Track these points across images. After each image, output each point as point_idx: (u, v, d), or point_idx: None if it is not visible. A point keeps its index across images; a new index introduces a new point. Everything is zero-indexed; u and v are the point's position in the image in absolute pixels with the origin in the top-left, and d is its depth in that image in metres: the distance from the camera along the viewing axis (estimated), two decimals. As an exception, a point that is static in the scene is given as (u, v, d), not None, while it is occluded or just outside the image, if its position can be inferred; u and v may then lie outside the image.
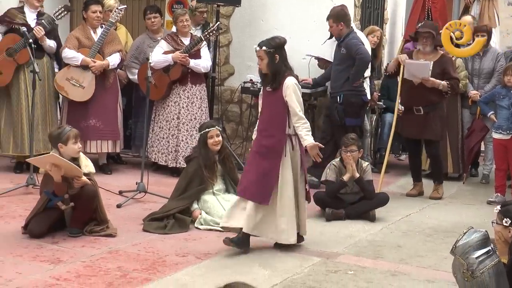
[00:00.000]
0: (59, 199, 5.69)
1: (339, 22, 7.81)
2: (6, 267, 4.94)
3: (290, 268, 5.26)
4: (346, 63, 7.81)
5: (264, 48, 5.45)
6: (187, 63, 8.04)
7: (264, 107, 5.62)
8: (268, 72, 5.50)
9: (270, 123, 5.55)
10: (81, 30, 8.07)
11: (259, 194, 5.48)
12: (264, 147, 5.53)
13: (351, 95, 7.81)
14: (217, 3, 8.51)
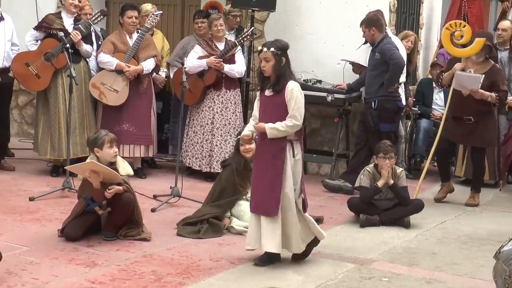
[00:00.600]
0: (97, 204, 5.75)
1: (371, 27, 7.80)
2: (43, 270, 5.01)
3: (324, 274, 5.25)
4: (380, 69, 7.79)
5: (272, 49, 5.28)
6: (221, 68, 8.07)
7: (264, 112, 5.36)
8: (272, 74, 5.30)
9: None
10: (117, 35, 8.16)
11: (267, 207, 5.30)
12: (266, 155, 5.31)
13: (385, 101, 7.79)
14: (252, 8, 8.54)
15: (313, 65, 8.84)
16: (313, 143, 8.94)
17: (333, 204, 7.46)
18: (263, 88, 5.38)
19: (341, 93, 8.19)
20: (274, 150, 5.27)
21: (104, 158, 5.78)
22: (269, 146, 5.29)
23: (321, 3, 8.77)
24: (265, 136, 5.27)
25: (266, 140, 5.28)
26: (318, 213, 6.88)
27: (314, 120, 8.96)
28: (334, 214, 7.01)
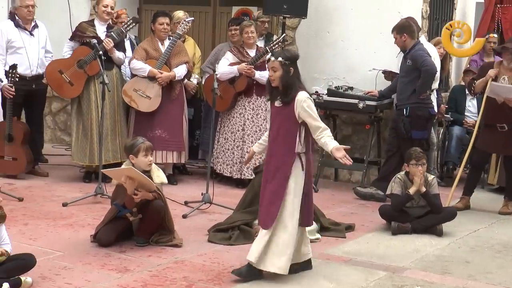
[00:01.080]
0: (128, 211, 5.81)
1: (402, 34, 7.78)
2: (76, 275, 5.06)
3: (355, 281, 5.24)
4: (412, 75, 7.76)
5: (280, 59, 5.10)
6: (252, 75, 8.10)
7: (273, 123, 5.23)
8: (280, 85, 5.12)
9: (279, 141, 5.17)
10: (149, 42, 8.22)
11: (263, 219, 5.18)
12: (273, 167, 5.17)
13: (417, 108, 7.76)
14: (283, 14, 8.56)
15: (345, 72, 8.84)
16: (344, 150, 8.90)
17: (365, 212, 7.43)
18: (273, 98, 5.23)
19: (373, 100, 8.16)
20: (281, 162, 5.13)
21: (138, 165, 5.82)
22: (277, 158, 5.17)
23: (352, 9, 8.76)
24: (273, 148, 5.20)
25: (274, 151, 5.19)
26: (349, 221, 6.89)
27: (345, 127, 8.95)
28: (365, 222, 6.99)
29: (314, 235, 6.30)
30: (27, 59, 8.11)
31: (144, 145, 5.86)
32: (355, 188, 8.12)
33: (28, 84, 8.15)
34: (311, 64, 9.02)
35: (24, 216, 6.55)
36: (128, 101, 8.06)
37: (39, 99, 8.48)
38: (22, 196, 7.14)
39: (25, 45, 8.12)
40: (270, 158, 5.25)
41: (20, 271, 4.78)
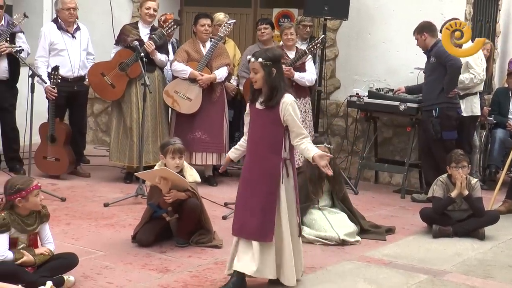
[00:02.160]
0: (164, 211, 5.86)
1: (422, 33, 7.81)
2: (117, 274, 5.14)
3: (396, 284, 5.22)
4: (436, 72, 7.76)
5: (260, 60, 4.81)
6: (292, 76, 8.11)
7: (255, 127, 4.92)
8: (263, 87, 4.85)
9: (264, 146, 4.88)
10: (190, 44, 8.29)
11: (260, 231, 4.86)
12: (258, 174, 4.87)
13: (447, 108, 7.75)
14: (324, 16, 8.56)
15: (386, 74, 8.80)
16: (384, 153, 8.89)
17: (405, 214, 7.40)
18: (254, 100, 4.94)
19: (414, 102, 8.12)
20: (268, 168, 4.85)
21: (168, 166, 5.88)
22: (261, 164, 4.87)
23: (394, 11, 8.73)
24: (256, 153, 4.89)
25: (258, 157, 4.88)
26: (390, 223, 6.87)
27: (386, 129, 8.91)
28: (406, 224, 6.96)
29: (354, 238, 6.30)
30: (69, 61, 8.23)
31: (172, 147, 5.89)
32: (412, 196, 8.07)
33: (70, 85, 8.27)
34: (352, 66, 9.02)
35: (67, 216, 6.66)
36: (171, 102, 8.13)
37: (80, 101, 8.60)
38: (65, 196, 7.26)
39: (67, 47, 8.24)
40: (252, 165, 4.92)
41: (63, 270, 4.87)
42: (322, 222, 6.33)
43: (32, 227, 4.85)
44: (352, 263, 5.70)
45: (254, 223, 4.84)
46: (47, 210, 4.96)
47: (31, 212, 4.84)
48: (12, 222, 4.74)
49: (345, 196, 6.63)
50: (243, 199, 4.94)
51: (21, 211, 4.79)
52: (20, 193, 4.75)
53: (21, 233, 4.81)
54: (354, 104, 8.50)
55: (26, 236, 4.86)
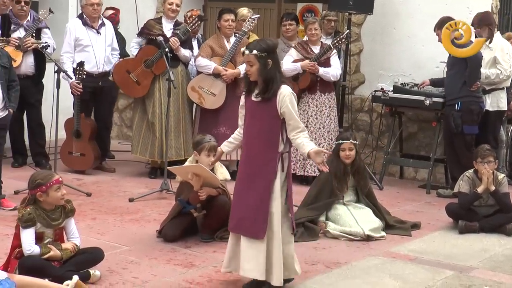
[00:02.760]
0: (193, 207, 5.87)
1: (442, 28, 7.70)
2: (142, 269, 5.15)
3: (422, 280, 5.19)
4: (457, 66, 7.71)
5: (255, 52, 4.61)
6: (316, 71, 8.08)
7: (250, 120, 4.74)
8: (258, 79, 4.66)
9: (260, 140, 4.70)
10: (214, 39, 8.29)
11: (253, 227, 4.69)
12: (254, 169, 4.70)
13: (470, 102, 7.69)
14: (349, 11, 8.52)
15: (411, 68, 8.74)
16: (409, 148, 8.84)
17: (431, 210, 7.35)
18: (249, 92, 4.76)
19: (440, 96, 8.05)
20: (264, 162, 4.68)
21: (201, 163, 5.88)
22: (257, 158, 4.70)
23: (419, 5, 8.66)
24: (252, 147, 4.72)
25: (254, 151, 4.72)
26: (415, 219, 6.82)
27: (411, 124, 8.85)
28: (431, 220, 6.91)
29: (379, 233, 6.28)
30: (94, 56, 8.26)
31: (208, 145, 5.91)
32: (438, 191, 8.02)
33: (95, 81, 8.30)
34: (376, 60, 8.97)
35: (92, 211, 6.69)
36: (197, 97, 8.13)
37: (105, 96, 8.63)
38: (90, 191, 7.30)
39: (92, 43, 8.27)
40: (249, 160, 4.76)
41: (89, 265, 4.90)
42: (347, 217, 6.30)
43: (58, 221, 4.88)
44: (377, 258, 5.68)
45: (250, 219, 4.69)
46: (72, 205, 4.99)
47: (56, 207, 4.87)
48: (37, 217, 4.77)
49: (370, 192, 6.60)
50: (240, 195, 4.79)
51: (45, 206, 4.82)
52: (40, 187, 4.78)
53: (47, 227, 4.85)
54: (379, 99, 8.45)
55: (52, 231, 4.89)
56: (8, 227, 5.98)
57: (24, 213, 4.75)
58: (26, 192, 6.87)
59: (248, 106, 4.77)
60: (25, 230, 4.75)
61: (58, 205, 4.87)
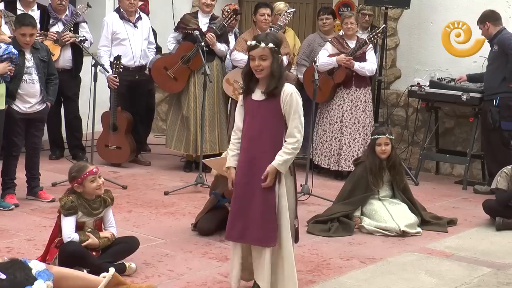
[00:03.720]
0: (227, 200, 5.86)
1: (484, 23, 7.69)
2: (177, 262, 5.17)
3: (458, 277, 5.13)
4: (498, 60, 7.63)
5: (271, 45, 4.30)
6: (352, 66, 8.02)
7: (254, 119, 4.41)
8: (268, 76, 4.33)
9: (263, 141, 4.39)
10: (250, 33, 8.25)
11: (263, 235, 4.38)
12: (258, 173, 4.35)
13: (508, 98, 7.58)
14: (385, 5, 8.44)
15: (448, 63, 8.64)
16: (446, 143, 8.74)
17: (467, 206, 7.26)
18: (249, 91, 4.45)
19: (477, 91, 7.95)
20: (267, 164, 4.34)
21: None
22: (261, 162, 4.37)
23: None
24: (254, 150, 4.39)
25: (257, 154, 4.39)
26: (451, 215, 6.76)
27: (448, 119, 8.75)
28: (468, 216, 6.83)
29: (415, 229, 6.22)
30: (131, 50, 8.30)
31: None
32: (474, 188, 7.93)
33: (131, 75, 8.34)
34: (413, 55, 8.89)
35: (128, 203, 6.73)
36: (231, 90, 8.13)
37: (142, 90, 8.66)
38: (126, 184, 7.34)
39: (129, 36, 8.31)
40: (251, 163, 4.41)
41: (125, 254, 4.95)
42: (383, 212, 6.25)
43: (98, 211, 4.94)
44: (413, 254, 5.63)
45: (256, 226, 4.37)
46: (111, 193, 5.04)
47: (96, 197, 4.92)
48: (79, 206, 4.84)
49: (405, 187, 6.54)
50: (241, 201, 4.44)
51: (86, 196, 4.87)
52: (76, 180, 4.87)
53: (88, 217, 4.91)
54: (415, 94, 8.37)
55: (92, 221, 4.94)
56: (46, 218, 6.06)
57: (67, 201, 4.81)
58: (63, 184, 7.03)
59: (249, 106, 4.44)
60: (67, 218, 4.80)
61: (98, 195, 4.92)
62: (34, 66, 6.47)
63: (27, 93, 6.45)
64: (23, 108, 6.46)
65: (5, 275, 2.38)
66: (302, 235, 5.92)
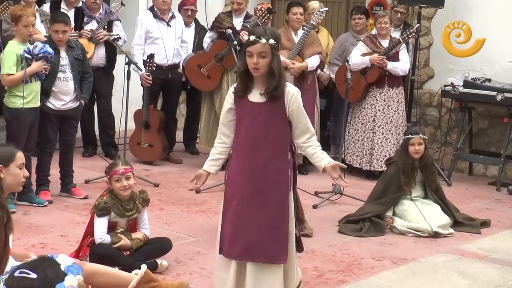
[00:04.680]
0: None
1: None
2: (209, 260, 5.15)
3: (492, 279, 5.07)
4: None
5: (272, 41, 3.90)
6: (385, 66, 7.98)
7: (251, 125, 3.98)
8: (267, 75, 3.94)
9: (267, 148, 3.98)
10: (283, 32, 8.23)
11: (274, 250, 3.99)
12: (262, 183, 3.97)
13: None
14: (419, 4, 8.38)
15: (482, 63, 8.54)
16: (479, 144, 8.65)
17: (501, 207, 7.18)
18: (245, 92, 4.00)
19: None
20: (274, 174, 3.99)
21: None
22: (265, 170, 3.97)
23: (491, -2, 8.48)
24: (255, 157, 3.98)
25: (259, 162, 3.98)
26: (485, 216, 6.69)
27: (482, 120, 8.66)
28: (502, 218, 6.75)
29: (448, 230, 6.17)
30: (164, 49, 8.33)
31: None
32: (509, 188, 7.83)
33: (164, 73, 8.37)
34: (446, 54, 8.78)
35: (160, 201, 6.75)
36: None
37: (174, 88, 8.70)
38: (158, 182, 7.37)
39: (162, 35, 8.34)
40: (254, 173, 3.98)
41: (157, 255, 4.97)
42: (415, 213, 6.21)
43: (131, 212, 4.96)
44: (446, 255, 5.58)
45: (264, 241, 3.96)
46: (147, 195, 5.06)
47: (130, 198, 4.93)
48: (112, 207, 4.85)
49: (438, 187, 6.48)
50: (245, 215, 3.98)
51: (117, 195, 4.89)
52: (107, 176, 4.97)
53: (121, 217, 4.92)
54: (448, 93, 8.31)
55: (125, 221, 4.97)
56: (79, 215, 6.11)
57: (100, 202, 4.85)
58: (96, 181, 7.08)
59: (246, 109, 4.00)
60: (99, 219, 4.84)
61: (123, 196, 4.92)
62: (69, 64, 6.53)
63: (61, 90, 6.52)
64: (57, 105, 6.52)
65: (35, 274, 2.38)
66: (333, 234, 5.99)
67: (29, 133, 6.25)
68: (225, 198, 4.13)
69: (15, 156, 3.82)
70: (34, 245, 5.28)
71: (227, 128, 4.11)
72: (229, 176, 4.13)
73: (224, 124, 4.11)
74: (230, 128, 4.10)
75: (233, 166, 4.10)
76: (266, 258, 3.98)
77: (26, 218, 5.99)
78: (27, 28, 6.16)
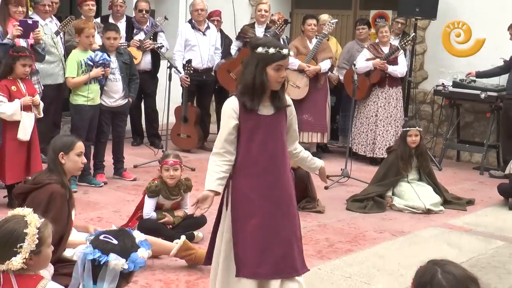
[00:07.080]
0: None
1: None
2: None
3: (476, 249, 5.05)
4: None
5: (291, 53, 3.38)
6: (386, 69, 7.93)
7: (263, 140, 3.30)
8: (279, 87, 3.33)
9: (279, 160, 3.35)
10: (299, 40, 8.25)
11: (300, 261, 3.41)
12: (281, 196, 3.34)
13: None
14: (415, 16, 8.32)
15: (469, 66, 8.37)
16: (466, 135, 8.58)
17: (484, 188, 7.12)
18: (254, 104, 3.29)
19: (494, 90, 7.78)
20: (289, 186, 3.38)
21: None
22: (280, 183, 3.34)
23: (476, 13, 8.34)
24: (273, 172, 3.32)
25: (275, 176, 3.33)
26: (470, 196, 6.64)
27: (468, 114, 8.59)
28: (484, 197, 6.70)
29: (438, 207, 6.14)
30: (200, 55, 8.34)
31: None
32: (490, 172, 7.77)
33: (200, 75, 8.37)
34: (438, 59, 8.73)
35: (196, 183, 6.62)
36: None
37: (208, 88, 8.70)
38: (194, 167, 7.39)
39: (198, 43, 8.34)
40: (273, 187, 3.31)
41: (195, 228, 5.00)
42: (411, 193, 6.18)
43: (176, 197, 4.99)
44: (437, 229, 5.56)
45: (291, 255, 3.34)
46: (190, 182, 5.07)
47: (176, 185, 4.95)
48: (161, 190, 4.89)
49: (430, 172, 6.45)
50: (268, 232, 3.29)
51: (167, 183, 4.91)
52: (159, 164, 4.98)
53: (167, 200, 4.97)
54: (439, 92, 8.25)
55: (170, 204, 5.01)
56: (129, 194, 6.16)
57: (152, 185, 4.88)
58: (143, 166, 7.12)
59: (255, 122, 3.29)
60: (149, 199, 4.88)
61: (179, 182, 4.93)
62: (118, 67, 6.57)
63: (111, 89, 6.56)
64: (108, 102, 6.56)
65: (117, 240, 2.46)
66: (341, 211, 5.97)
67: (89, 126, 6.31)
68: (237, 218, 3.33)
69: (75, 145, 3.86)
70: (92, 219, 5.34)
71: (231, 145, 3.29)
72: (239, 196, 3.33)
73: (228, 141, 3.29)
74: (233, 145, 3.30)
75: (243, 185, 3.32)
76: (295, 271, 3.35)
77: (85, 197, 6.05)
78: (88, 38, 6.22)
